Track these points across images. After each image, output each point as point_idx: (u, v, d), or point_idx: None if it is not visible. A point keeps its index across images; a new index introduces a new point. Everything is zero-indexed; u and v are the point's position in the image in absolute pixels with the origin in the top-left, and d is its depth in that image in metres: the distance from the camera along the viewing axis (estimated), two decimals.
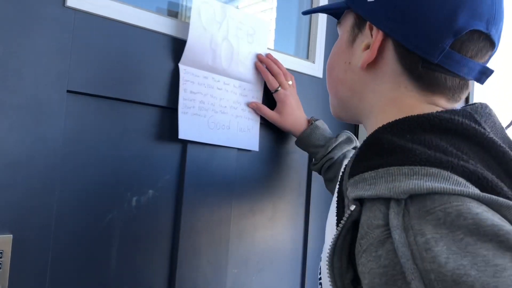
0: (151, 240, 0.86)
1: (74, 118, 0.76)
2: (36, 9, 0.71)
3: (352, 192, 0.47)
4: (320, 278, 0.60)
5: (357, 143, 1.02)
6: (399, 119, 0.51)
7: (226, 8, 0.93)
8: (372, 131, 0.58)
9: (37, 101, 0.72)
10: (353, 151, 1.00)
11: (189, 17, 0.88)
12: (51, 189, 0.73)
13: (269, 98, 1.03)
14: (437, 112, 0.51)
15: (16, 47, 0.70)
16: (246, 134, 0.99)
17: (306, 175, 1.16)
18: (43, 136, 0.72)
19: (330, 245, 0.47)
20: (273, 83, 0.99)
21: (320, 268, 0.61)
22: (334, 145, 0.97)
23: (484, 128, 0.50)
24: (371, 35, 0.57)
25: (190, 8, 0.88)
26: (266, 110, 1.01)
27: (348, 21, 0.62)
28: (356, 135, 1.28)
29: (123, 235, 0.82)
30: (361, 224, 0.45)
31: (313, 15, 1.19)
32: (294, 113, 1.01)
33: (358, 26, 0.60)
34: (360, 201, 0.47)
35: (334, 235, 0.47)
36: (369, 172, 0.47)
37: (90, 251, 0.78)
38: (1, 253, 0.66)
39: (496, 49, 0.56)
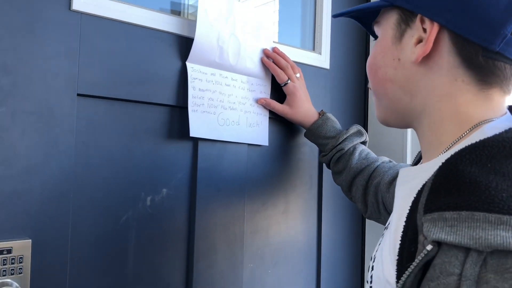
0: (167, 239, 0.87)
1: (86, 121, 0.77)
2: (42, 14, 0.72)
3: (431, 232, 0.45)
4: (371, 287, 0.59)
5: (367, 138, 1.01)
6: (477, 143, 0.48)
7: (232, 3, 0.92)
8: (431, 139, 0.58)
9: (48, 106, 0.72)
10: (363, 145, 1.00)
11: (193, 15, 0.88)
12: (66, 192, 0.73)
13: (277, 92, 1.03)
14: None
15: (25, 53, 0.70)
16: (255, 129, 0.99)
17: (317, 167, 1.16)
18: (56, 140, 0.73)
19: (401, 282, 0.46)
20: (282, 76, 0.99)
21: (371, 276, 0.60)
22: (345, 136, 0.97)
23: None
24: (423, 29, 0.55)
25: (193, 6, 0.88)
26: (275, 104, 1.01)
27: (391, 18, 0.60)
28: (366, 130, 1.27)
29: (139, 235, 0.83)
30: (434, 265, 0.44)
31: (318, 4, 1.18)
32: (304, 105, 1.01)
33: (405, 21, 0.58)
34: (438, 242, 0.45)
35: (407, 273, 0.45)
36: (450, 212, 0.44)
37: (107, 251, 0.79)
38: (21, 258, 0.67)
39: None
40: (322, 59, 1.16)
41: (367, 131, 1.28)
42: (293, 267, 1.09)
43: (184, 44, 0.88)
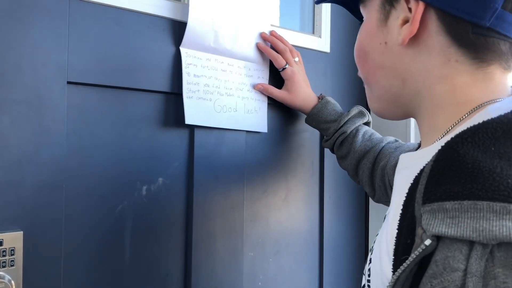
0: (164, 228, 0.85)
1: (77, 110, 0.75)
2: (30, 0, 0.69)
3: (430, 225, 0.41)
4: (368, 281, 0.56)
5: (370, 118, 0.99)
6: (479, 125, 0.44)
7: None
8: (429, 124, 0.54)
9: (37, 94, 0.70)
10: (366, 126, 0.97)
11: None
12: (59, 182, 0.72)
13: (276, 77, 1.01)
14: None
15: (12, 41, 0.68)
16: (254, 116, 0.97)
17: (319, 153, 1.14)
18: (47, 129, 0.71)
19: (394, 277, 0.43)
20: (279, 61, 0.96)
21: (369, 269, 0.58)
22: (346, 119, 0.94)
23: None
24: (408, 8, 0.52)
25: None
26: (273, 90, 0.98)
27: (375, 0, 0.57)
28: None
29: (135, 225, 0.81)
30: (435, 261, 0.40)
31: None
32: (303, 90, 0.98)
33: (389, 1, 0.54)
34: (437, 236, 0.42)
35: (402, 268, 0.42)
36: (451, 202, 0.41)
37: (103, 242, 0.78)
38: (13, 250, 0.66)
39: None
40: (322, 42, 1.13)
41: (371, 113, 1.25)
42: (295, 255, 1.08)
43: (177, 29, 0.85)
